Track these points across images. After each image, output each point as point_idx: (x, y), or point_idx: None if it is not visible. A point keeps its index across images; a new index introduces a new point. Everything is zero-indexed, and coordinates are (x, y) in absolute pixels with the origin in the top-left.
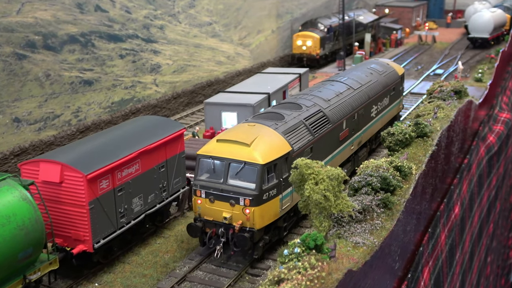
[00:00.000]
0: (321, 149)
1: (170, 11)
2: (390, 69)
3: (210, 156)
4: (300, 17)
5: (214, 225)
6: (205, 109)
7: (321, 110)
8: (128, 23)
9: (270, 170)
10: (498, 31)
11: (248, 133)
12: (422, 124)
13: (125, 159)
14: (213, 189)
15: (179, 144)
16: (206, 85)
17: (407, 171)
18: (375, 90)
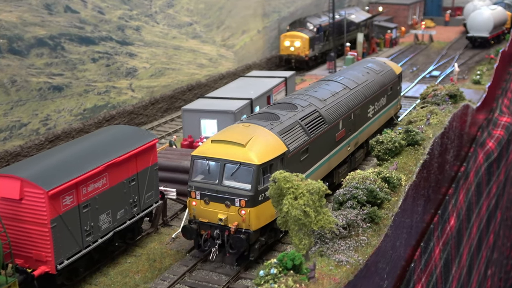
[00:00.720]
0: (317, 150)
1: (147, 11)
2: (387, 68)
3: (205, 157)
4: (288, 16)
5: (209, 227)
6: (183, 116)
7: (317, 110)
8: (101, 25)
9: (266, 170)
10: (499, 29)
11: (243, 133)
12: (413, 131)
13: (91, 173)
14: (208, 190)
15: (151, 156)
16: (187, 89)
17: (396, 183)
18: (372, 89)
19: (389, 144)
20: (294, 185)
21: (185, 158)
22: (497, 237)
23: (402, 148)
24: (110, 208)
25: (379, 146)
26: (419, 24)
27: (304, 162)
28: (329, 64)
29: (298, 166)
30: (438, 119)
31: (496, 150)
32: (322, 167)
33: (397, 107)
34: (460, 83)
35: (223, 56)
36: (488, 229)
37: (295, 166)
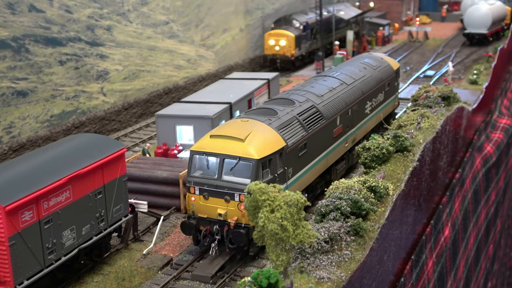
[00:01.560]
0: (315, 146)
1: (119, 9)
2: (384, 64)
3: (204, 152)
4: (272, 13)
5: (208, 222)
6: (157, 122)
7: (314, 106)
8: (69, 25)
9: (265, 165)
10: (498, 25)
11: (241, 128)
12: (401, 137)
13: (53, 186)
14: (207, 185)
15: (119, 166)
16: (163, 93)
17: (383, 192)
18: (369, 85)
19: (376, 150)
20: (270, 197)
21: (158, 168)
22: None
23: (390, 154)
24: (74, 223)
25: (365, 153)
26: (413, 21)
27: (302, 158)
28: (317, 64)
29: (296, 161)
30: (430, 123)
31: (494, 155)
32: (320, 163)
33: (394, 104)
34: (455, 83)
35: (202, 56)
36: (487, 239)
37: (294, 161)
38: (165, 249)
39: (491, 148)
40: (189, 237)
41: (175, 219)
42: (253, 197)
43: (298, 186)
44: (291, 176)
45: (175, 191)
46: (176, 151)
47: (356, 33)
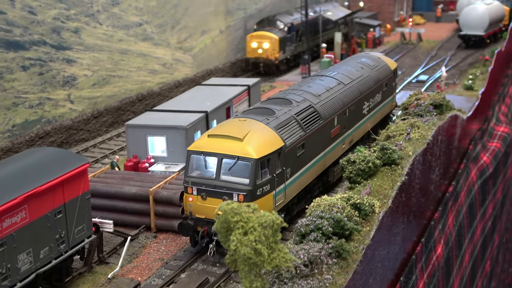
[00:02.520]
0: (313, 146)
1: (87, 10)
2: (382, 64)
3: (201, 152)
4: (255, 14)
5: (206, 223)
6: (126, 133)
7: (312, 106)
8: (32, 27)
9: (264, 165)
10: (495, 26)
11: (240, 127)
12: (389, 149)
13: (7, 206)
14: (205, 185)
15: (81, 183)
16: (136, 99)
17: (368, 210)
18: (366, 85)
19: (362, 164)
20: (243, 218)
21: (127, 183)
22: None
23: (377, 168)
24: (31, 246)
25: (350, 167)
26: (406, 21)
27: (300, 158)
28: (303, 68)
29: (295, 161)
30: (420, 133)
31: (491, 165)
32: (318, 164)
33: (392, 105)
34: (450, 88)
35: (179, 60)
36: (483, 255)
37: (292, 161)
38: (133, 272)
39: (488, 158)
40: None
41: (145, 239)
42: (225, 218)
43: (296, 187)
44: (290, 177)
45: (144, 208)
46: (147, 164)
47: (344, 35)
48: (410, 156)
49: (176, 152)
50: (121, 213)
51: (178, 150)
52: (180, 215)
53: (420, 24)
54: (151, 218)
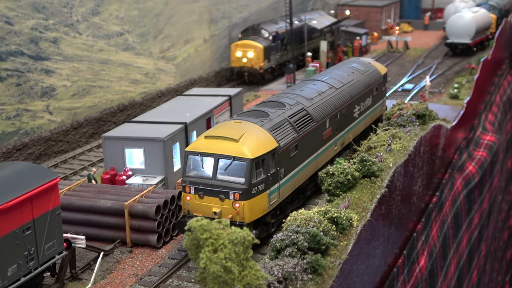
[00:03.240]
0: (305, 148)
1: (67, 20)
2: (372, 68)
3: (199, 153)
4: (240, 23)
5: None
6: (103, 145)
7: (304, 109)
8: (9, 37)
9: (258, 165)
10: (482, 34)
11: (235, 129)
12: (368, 161)
13: None
14: (202, 184)
15: (52, 198)
16: (118, 110)
17: (346, 224)
18: (357, 89)
19: (341, 176)
20: (213, 234)
21: (102, 197)
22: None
23: (356, 180)
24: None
25: (329, 179)
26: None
27: (293, 159)
28: (288, 77)
29: (288, 162)
30: (402, 144)
31: (477, 174)
32: (311, 165)
33: (382, 109)
34: (435, 97)
35: (162, 70)
36: (470, 265)
37: (286, 162)
38: None
39: (474, 167)
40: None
41: (120, 254)
42: (194, 235)
43: (290, 187)
44: (283, 177)
45: (120, 223)
46: (124, 177)
47: (331, 43)
48: (390, 167)
49: (154, 165)
50: (96, 227)
51: (156, 162)
52: (156, 229)
53: (408, 32)
54: (126, 233)
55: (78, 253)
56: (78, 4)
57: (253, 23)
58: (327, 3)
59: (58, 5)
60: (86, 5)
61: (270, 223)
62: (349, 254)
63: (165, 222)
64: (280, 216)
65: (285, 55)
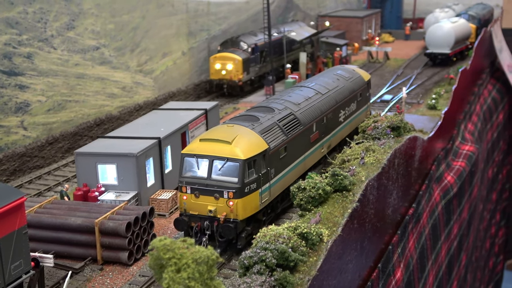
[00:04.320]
0: (294, 150)
1: (41, 35)
2: (356, 75)
3: (194, 155)
4: (219, 35)
5: (199, 219)
6: (76, 161)
7: (292, 113)
8: None
9: (250, 165)
10: (462, 44)
11: (228, 132)
12: (340, 175)
13: None
14: (198, 184)
15: (17, 218)
16: (94, 124)
17: (316, 239)
18: (342, 95)
19: (312, 191)
20: (176, 254)
21: (73, 214)
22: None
23: (327, 195)
24: None
25: (301, 194)
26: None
27: (283, 160)
28: (267, 89)
29: (278, 162)
30: (376, 157)
31: (456, 185)
32: (299, 166)
33: (366, 114)
34: (414, 108)
35: (139, 83)
36: (450, 276)
37: (276, 162)
38: None
39: (452, 178)
40: None
41: (90, 272)
42: (157, 255)
43: (280, 186)
44: (274, 176)
45: (90, 240)
46: (97, 193)
47: (310, 55)
48: (363, 181)
49: (127, 180)
50: (67, 245)
51: (129, 178)
52: (127, 246)
53: (389, 42)
54: (97, 250)
55: (48, 272)
56: (53, 19)
57: (233, 35)
58: (308, 14)
59: (32, 20)
60: (60, 20)
61: (261, 221)
62: (318, 269)
63: (136, 239)
64: (271, 214)
65: (264, 67)
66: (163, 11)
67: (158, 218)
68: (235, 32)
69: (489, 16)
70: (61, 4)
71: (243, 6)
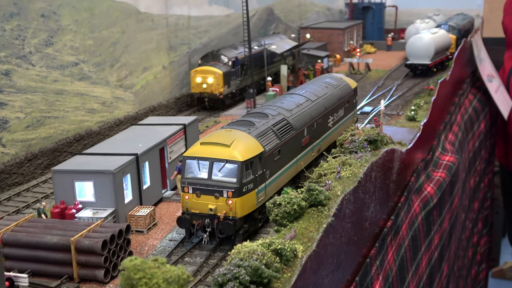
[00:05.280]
0: (287, 152)
1: (19, 52)
2: (343, 83)
3: (195, 157)
4: (200, 48)
5: (200, 217)
6: (53, 179)
7: (285, 119)
8: None
9: (248, 167)
10: (442, 55)
11: (227, 136)
12: (315, 190)
13: None
14: (199, 184)
15: None
16: (74, 140)
17: (290, 255)
18: (330, 102)
19: (288, 206)
20: (147, 274)
21: (49, 232)
22: None
23: (303, 210)
24: None
25: (276, 209)
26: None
27: (277, 162)
28: (248, 102)
29: (273, 164)
30: (352, 171)
31: (435, 196)
32: (292, 168)
33: (353, 119)
34: (394, 120)
35: (119, 98)
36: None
37: (271, 164)
38: None
39: (432, 188)
40: None
41: None
42: (128, 275)
43: (274, 187)
44: (269, 177)
45: (66, 258)
46: (74, 211)
47: (291, 67)
48: (338, 195)
49: (104, 197)
50: (43, 263)
51: (106, 194)
52: (103, 264)
53: (371, 53)
54: (73, 268)
55: None
56: (31, 36)
57: (213, 48)
58: (290, 27)
59: (10, 37)
60: (39, 36)
61: (257, 219)
62: (293, 285)
63: (113, 256)
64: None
65: (245, 80)
66: (143, 25)
67: (136, 234)
68: (216, 45)
69: (469, 26)
70: (39, 21)
71: (224, 19)
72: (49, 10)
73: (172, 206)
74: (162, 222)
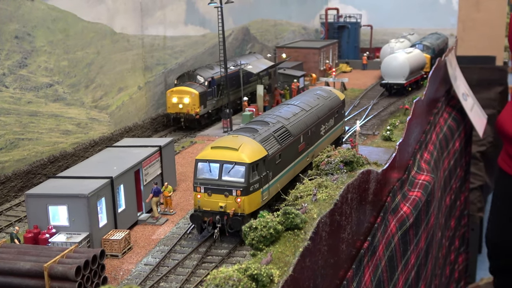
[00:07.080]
0: (286, 157)
1: None
2: (333, 95)
3: (207, 160)
4: (176, 68)
5: (211, 214)
6: (26, 203)
7: (284, 126)
8: None
9: (254, 168)
10: (417, 74)
11: (235, 141)
12: (291, 213)
13: None
14: (210, 184)
15: None
16: (48, 162)
17: (266, 281)
18: (322, 112)
19: (264, 230)
20: None
21: (22, 258)
22: None
23: (279, 234)
24: None
25: (252, 233)
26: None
27: (278, 165)
28: (224, 122)
29: (275, 167)
30: (328, 193)
31: (411, 215)
32: (290, 171)
33: (342, 129)
34: (369, 140)
35: (94, 119)
36: None
37: (273, 167)
38: None
39: (408, 208)
40: None
41: None
42: None
43: (276, 187)
44: (271, 179)
45: (40, 285)
46: (47, 235)
47: (268, 87)
48: (314, 218)
49: (78, 221)
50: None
51: (81, 219)
52: None
53: (347, 72)
54: None
55: None
56: (4, 57)
57: (189, 68)
58: (266, 46)
59: None
60: (12, 58)
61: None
62: None
63: (87, 282)
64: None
65: (221, 100)
66: (118, 46)
67: (110, 259)
68: (192, 65)
69: (443, 45)
70: (13, 42)
71: (200, 39)
72: (23, 31)
73: (147, 229)
74: (137, 246)
